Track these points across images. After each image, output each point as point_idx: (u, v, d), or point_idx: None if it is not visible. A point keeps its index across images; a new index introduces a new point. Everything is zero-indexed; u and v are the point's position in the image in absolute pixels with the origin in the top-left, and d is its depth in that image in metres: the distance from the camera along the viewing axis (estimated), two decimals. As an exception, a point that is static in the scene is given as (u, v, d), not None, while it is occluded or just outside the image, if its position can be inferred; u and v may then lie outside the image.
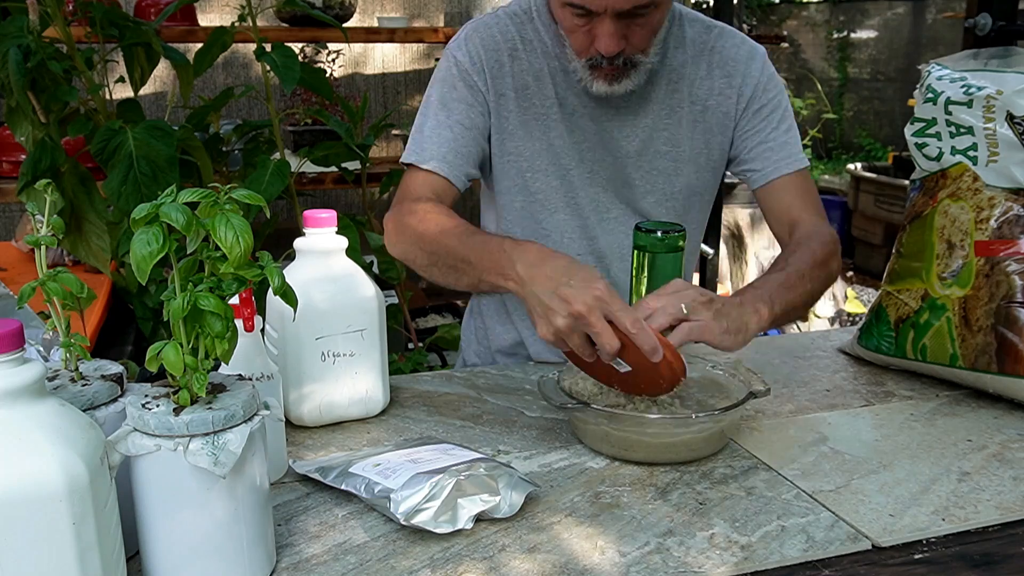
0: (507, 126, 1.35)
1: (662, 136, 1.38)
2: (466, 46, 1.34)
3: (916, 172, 1.34)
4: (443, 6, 3.55)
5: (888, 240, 5.47)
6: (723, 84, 1.37)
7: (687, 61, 1.37)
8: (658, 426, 1.01)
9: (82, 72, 1.83)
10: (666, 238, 1.08)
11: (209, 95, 2.78)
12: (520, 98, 1.35)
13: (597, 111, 1.36)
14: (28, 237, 0.80)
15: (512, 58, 1.34)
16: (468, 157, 1.33)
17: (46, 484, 0.63)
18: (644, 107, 1.36)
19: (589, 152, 1.37)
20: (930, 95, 1.26)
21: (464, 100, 1.33)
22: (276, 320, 1.10)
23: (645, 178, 1.39)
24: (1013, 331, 1.17)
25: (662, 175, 1.39)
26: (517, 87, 1.34)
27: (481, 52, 1.33)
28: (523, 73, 1.34)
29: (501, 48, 1.34)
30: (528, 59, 1.35)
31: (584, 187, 1.38)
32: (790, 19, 9.03)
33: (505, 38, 1.34)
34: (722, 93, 1.38)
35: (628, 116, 1.36)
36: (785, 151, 1.37)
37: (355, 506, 0.93)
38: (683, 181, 1.40)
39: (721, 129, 1.39)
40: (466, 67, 1.33)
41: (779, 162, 1.37)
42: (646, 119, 1.37)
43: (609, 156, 1.37)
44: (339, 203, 3.51)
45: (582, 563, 0.83)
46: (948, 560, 0.86)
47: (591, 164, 1.37)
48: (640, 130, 1.37)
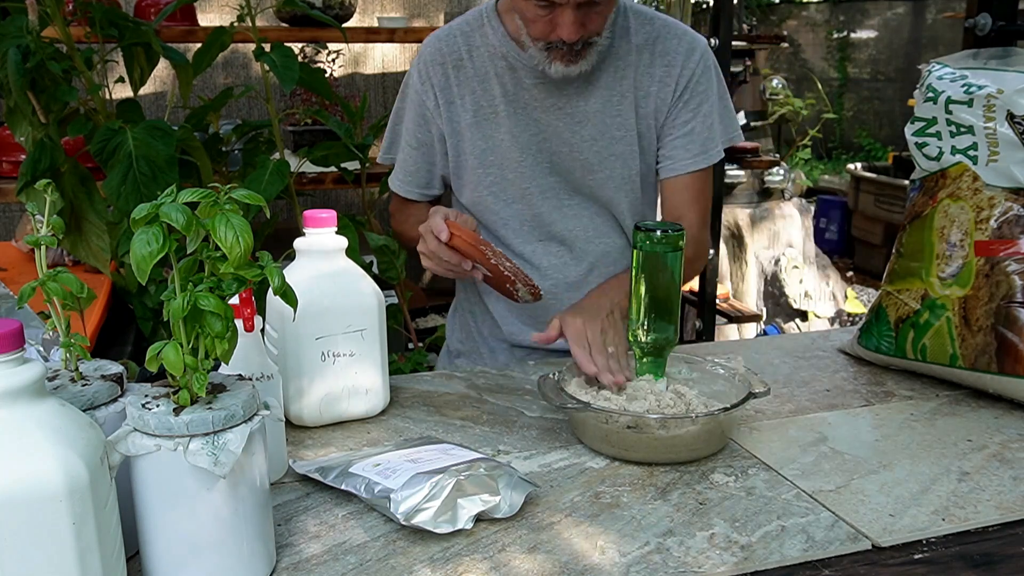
0: (459, 128, 1.45)
1: (615, 121, 1.43)
2: (418, 64, 1.48)
3: (916, 172, 1.34)
4: (443, 6, 3.54)
5: (888, 240, 5.48)
6: (663, 73, 1.43)
7: (631, 51, 1.43)
8: (658, 426, 1.01)
9: (82, 72, 1.83)
10: (666, 238, 1.08)
11: (209, 95, 2.78)
12: (467, 102, 1.44)
13: (548, 101, 1.42)
14: (28, 237, 0.80)
15: (456, 68, 1.44)
16: (417, 175, 1.53)
17: (46, 484, 0.63)
18: (594, 93, 1.42)
19: (545, 143, 1.43)
20: (930, 94, 1.26)
21: (413, 121, 1.49)
22: (276, 320, 1.10)
23: (603, 163, 1.44)
24: (1013, 331, 1.16)
25: (619, 159, 1.45)
26: (463, 93, 1.44)
27: (428, 69, 1.45)
28: (469, 79, 1.44)
29: (446, 61, 1.44)
30: (474, 65, 1.44)
31: (539, 177, 1.45)
32: (790, 19, 9.04)
33: (451, 50, 1.45)
34: (661, 81, 1.43)
35: (579, 103, 1.42)
36: (705, 145, 1.45)
37: (355, 506, 0.93)
38: (637, 164, 1.46)
39: (656, 115, 1.45)
40: (416, 86, 1.47)
41: (696, 157, 1.45)
42: (596, 104, 1.42)
43: (565, 146, 1.43)
44: (339, 203, 3.51)
45: (582, 563, 0.83)
46: (948, 560, 0.86)
47: (548, 155, 1.44)
48: (592, 115, 1.42)
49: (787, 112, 5.06)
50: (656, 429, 1.01)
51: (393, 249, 2.25)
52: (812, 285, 4.46)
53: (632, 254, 1.12)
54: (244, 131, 2.29)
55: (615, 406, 1.07)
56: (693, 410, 1.05)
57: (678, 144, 1.45)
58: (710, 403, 1.09)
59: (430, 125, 1.47)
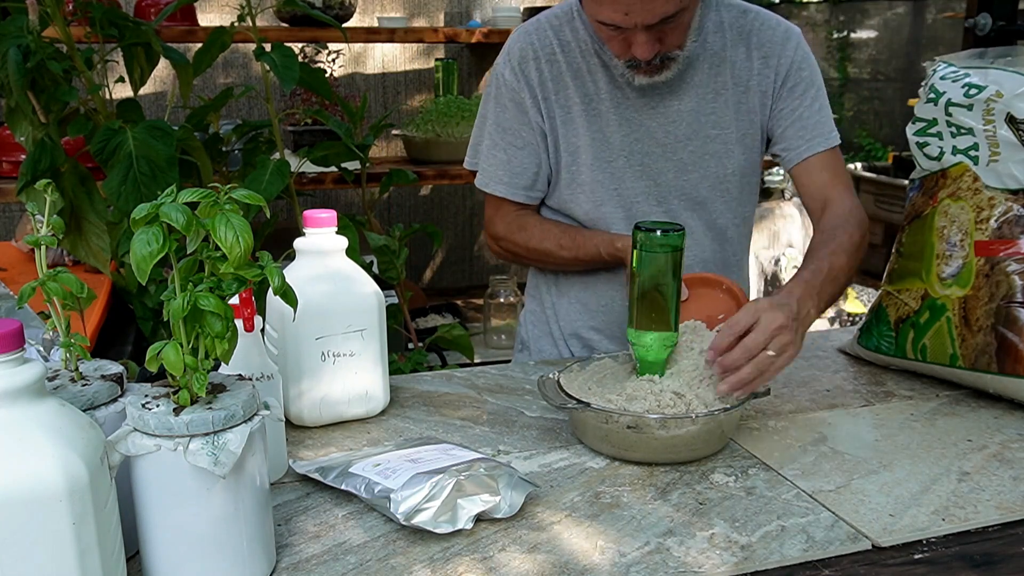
0: (554, 125, 1.42)
1: (710, 120, 1.41)
2: (508, 62, 1.43)
3: (916, 171, 1.34)
4: (443, 6, 3.54)
5: (888, 240, 5.47)
6: (761, 65, 1.42)
7: (727, 44, 1.41)
8: (658, 426, 1.01)
9: (82, 72, 1.83)
10: (666, 237, 1.08)
11: (209, 95, 2.78)
12: (560, 98, 1.40)
13: (640, 101, 1.40)
14: (28, 237, 0.80)
15: (550, 63, 1.40)
16: (523, 175, 1.45)
17: (46, 484, 0.63)
18: (688, 92, 1.40)
19: (637, 144, 1.41)
20: (932, 95, 1.26)
21: (515, 119, 1.43)
22: (276, 320, 1.10)
23: (698, 163, 1.42)
24: (1013, 331, 1.16)
25: (714, 158, 1.43)
26: (557, 89, 1.40)
27: (519, 65, 1.41)
28: (561, 75, 1.40)
29: (539, 56, 1.40)
30: (565, 61, 1.40)
31: (632, 179, 1.42)
32: (790, 19, 9.03)
33: (542, 44, 1.41)
34: (760, 73, 1.42)
35: (673, 102, 1.40)
36: (818, 129, 1.42)
37: (355, 506, 0.93)
38: (734, 163, 1.44)
39: (761, 109, 1.44)
40: (512, 84, 1.42)
41: (812, 140, 1.41)
42: (691, 103, 1.41)
43: (658, 147, 1.41)
44: (339, 203, 3.51)
45: (582, 563, 0.83)
46: (948, 560, 0.86)
47: (640, 156, 1.41)
48: (686, 115, 1.41)
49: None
50: (656, 429, 1.01)
51: (393, 249, 2.25)
52: (812, 285, 4.45)
53: (632, 254, 1.12)
54: (244, 131, 2.29)
55: (615, 406, 1.06)
56: (693, 410, 1.04)
57: (790, 133, 1.42)
58: (710, 403, 1.09)
59: (532, 122, 1.42)
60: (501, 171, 1.45)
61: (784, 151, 1.44)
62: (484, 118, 1.48)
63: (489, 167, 1.47)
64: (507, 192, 1.46)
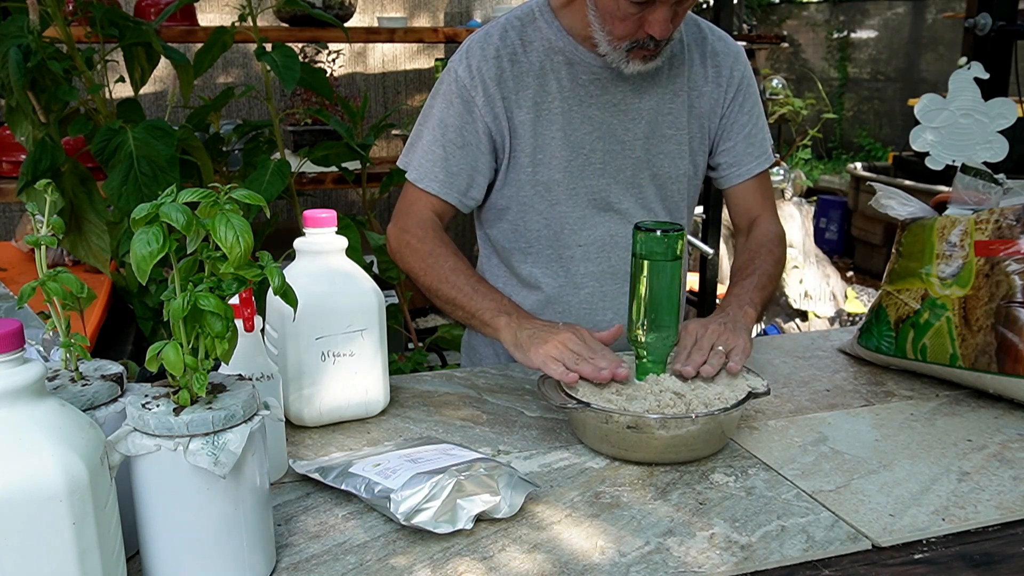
0: (513, 124, 1.40)
1: (667, 120, 1.43)
2: (466, 60, 1.39)
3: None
4: (443, 6, 3.55)
5: (888, 240, 5.47)
6: (714, 73, 1.46)
7: (683, 49, 1.44)
8: (658, 426, 1.01)
9: (82, 72, 1.83)
10: (666, 237, 1.08)
11: (209, 95, 2.78)
12: (522, 97, 1.39)
13: (603, 98, 1.40)
14: (28, 237, 0.80)
15: (512, 62, 1.39)
16: (460, 175, 1.40)
17: (46, 484, 0.63)
18: (649, 91, 1.42)
19: (598, 142, 1.41)
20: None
21: (459, 117, 1.39)
22: (276, 320, 1.10)
23: (653, 161, 1.44)
24: (1013, 331, 1.16)
25: (668, 158, 1.45)
26: (518, 88, 1.39)
27: (480, 64, 1.38)
28: (524, 74, 1.39)
29: (501, 54, 1.39)
30: (529, 60, 1.40)
31: (588, 177, 1.42)
32: (790, 19, 9.03)
33: (504, 44, 1.39)
34: (713, 82, 1.46)
35: (634, 100, 1.42)
36: (762, 148, 1.50)
37: (355, 506, 0.93)
38: (685, 165, 1.46)
39: (710, 115, 1.47)
40: (464, 82, 1.39)
41: (759, 158, 1.49)
42: (651, 102, 1.42)
43: (617, 144, 1.42)
44: (339, 203, 3.51)
45: (582, 563, 0.83)
46: (948, 560, 0.86)
47: (600, 154, 1.42)
48: (646, 113, 1.42)
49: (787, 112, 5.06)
50: (656, 429, 1.01)
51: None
52: (812, 285, 4.46)
53: (631, 255, 1.12)
54: (245, 131, 2.29)
55: (615, 406, 1.06)
56: (693, 410, 1.04)
57: (740, 149, 1.47)
58: (710, 403, 1.09)
59: (477, 123, 1.38)
60: (438, 168, 1.40)
61: (728, 166, 1.50)
62: (427, 116, 1.44)
63: (426, 162, 1.40)
64: (440, 190, 1.40)
